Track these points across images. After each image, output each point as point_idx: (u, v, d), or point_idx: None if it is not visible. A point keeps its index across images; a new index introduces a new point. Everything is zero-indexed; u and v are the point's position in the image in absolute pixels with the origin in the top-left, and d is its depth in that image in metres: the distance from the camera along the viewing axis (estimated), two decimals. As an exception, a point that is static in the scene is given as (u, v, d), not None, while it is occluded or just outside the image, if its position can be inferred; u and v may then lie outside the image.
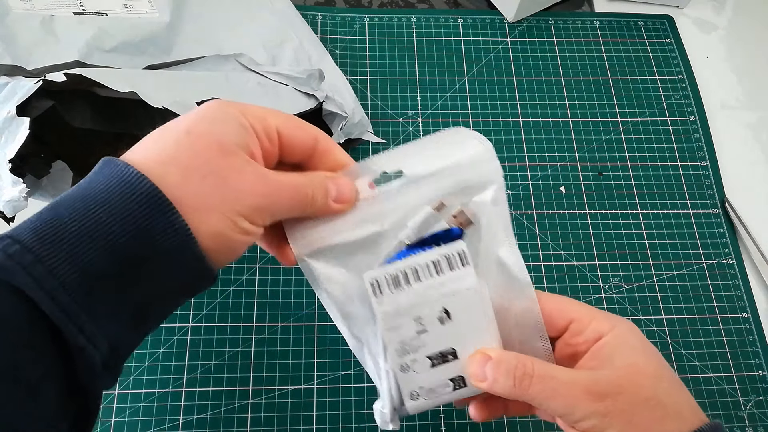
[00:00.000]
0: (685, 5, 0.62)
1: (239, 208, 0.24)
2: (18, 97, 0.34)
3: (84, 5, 0.44)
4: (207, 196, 0.23)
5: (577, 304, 0.28)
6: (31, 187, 0.36)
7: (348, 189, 0.28)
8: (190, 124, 0.24)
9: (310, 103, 0.45)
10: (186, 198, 0.23)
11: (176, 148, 0.23)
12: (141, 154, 0.23)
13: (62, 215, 0.21)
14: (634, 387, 0.25)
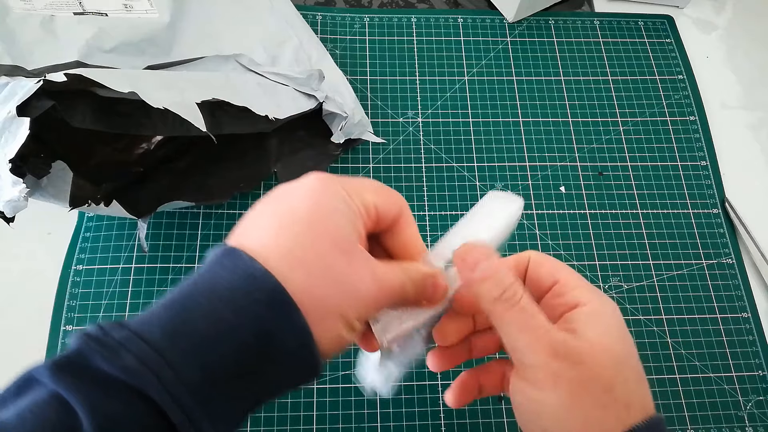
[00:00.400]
0: (685, 5, 0.62)
1: (357, 311, 0.24)
2: (18, 98, 0.34)
3: (84, 5, 0.44)
4: (329, 300, 0.23)
5: (568, 271, 0.28)
6: (31, 187, 0.36)
7: (443, 291, 0.28)
8: (310, 214, 0.24)
9: (310, 103, 0.45)
10: (310, 301, 0.23)
11: (298, 243, 0.23)
12: (259, 243, 0.23)
13: (189, 313, 0.22)
14: (593, 364, 0.25)
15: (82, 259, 0.46)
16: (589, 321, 0.26)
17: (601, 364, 0.25)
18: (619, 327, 0.26)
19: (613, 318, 0.27)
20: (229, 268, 0.23)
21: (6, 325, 0.44)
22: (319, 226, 0.24)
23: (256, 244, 0.23)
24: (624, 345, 0.26)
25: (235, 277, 0.22)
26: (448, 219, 0.49)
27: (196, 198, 0.45)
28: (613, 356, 0.25)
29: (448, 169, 0.51)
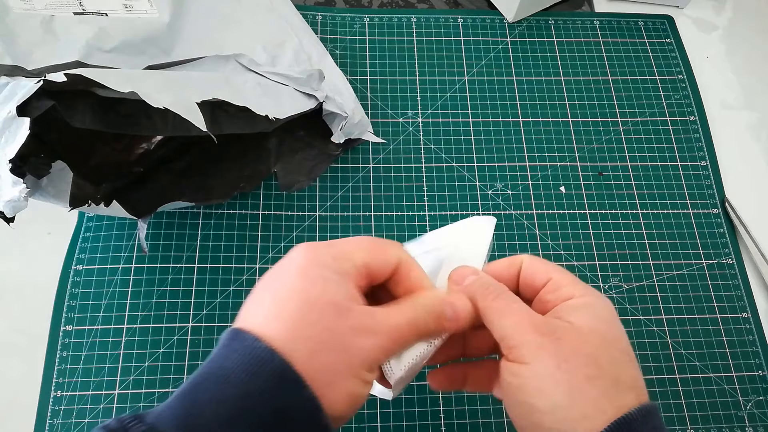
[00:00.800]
0: (685, 5, 0.62)
1: (365, 366, 0.25)
2: (18, 98, 0.34)
3: (84, 5, 0.44)
4: (335, 366, 0.24)
5: (561, 270, 0.29)
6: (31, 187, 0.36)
7: (464, 306, 0.28)
8: (302, 288, 0.25)
9: (310, 103, 0.44)
10: (316, 372, 0.23)
11: (296, 317, 0.24)
12: (262, 323, 0.24)
13: (199, 402, 0.22)
14: (578, 340, 0.25)
15: (82, 259, 0.46)
16: (576, 310, 0.27)
17: (585, 340, 0.25)
18: (609, 317, 0.27)
19: (604, 309, 0.27)
20: (237, 351, 0.23)
21: (6, 324, 0.44)
22: (312, 297, 0.25)
23: (259, 324, 0.24)
24: (612, 329, 0.26)
25: (243, 359, 0.23)
26: (448, 219, 0.49)
27: (196, 198, 0.45)
28: (598, 335, 0.26)
29: (448, 169, 0.51)
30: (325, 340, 0.24)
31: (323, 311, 0.24)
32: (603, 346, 0.25)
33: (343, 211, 0.49)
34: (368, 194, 0.50)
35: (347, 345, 0.24)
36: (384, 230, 0.48)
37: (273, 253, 0.47)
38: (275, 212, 0.48)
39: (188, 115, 0.37)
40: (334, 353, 0.24)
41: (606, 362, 0.25)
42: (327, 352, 0.24)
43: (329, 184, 0.50)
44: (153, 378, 0.42)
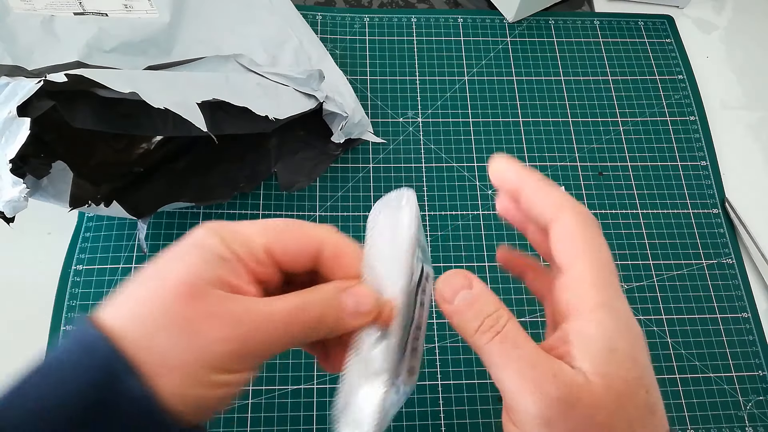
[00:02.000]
0: (685, 5, 0.62)
1: (209, 361, 0.21)
2: (19, 98, 0.34)
3: (84, 5, 0.44)
4: (168, 354, 0.21)
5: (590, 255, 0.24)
6: (31, 187, 0.36)
7: (368, 299, 0.24)
8: (160, 267, 0.22)
9: (310, 103, 0.45)
10: (148, 358, 0.20)
11: (142, 300, 0.21)
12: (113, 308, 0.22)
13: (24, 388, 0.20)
14: (591, 405, 0.20)
15: (82, 259, 0.46)
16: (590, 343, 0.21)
17: (599, 405, 0.21)
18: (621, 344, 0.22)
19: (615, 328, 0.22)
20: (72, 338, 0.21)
21: (6, 325, 0.44)
22: (168, 279, 0.21)
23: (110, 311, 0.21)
24: (631, 373, 0.21)
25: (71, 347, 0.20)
26: (448, 219, 0.49)
27: (196, 198, 0.45)
28: (614, 393, 0.21)
29: (448, 169, 0.51)
30: (164, 322, 0.21)
31: (175, 294, 0.21)
32: (618, 408, 0.21)
33: (343, 211, 0.49)
34: (368, 194, 0.50)
35: (190, 330, 0.21)
36: (384, 230, 0.48)
37: (273, 253, 0.47)
38: (275, 212, 0.48)
39: (188, 115, 0.37)
40: (171, 337, 0.21)
41: (624, 427, 0.21)
42: (163, 337, 0.21)
43: (329, 184, 0.50)
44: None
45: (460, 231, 0.49)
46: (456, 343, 0.44)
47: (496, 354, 0.22)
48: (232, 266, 0.23)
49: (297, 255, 0.24)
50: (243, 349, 0.21)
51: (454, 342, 0.44)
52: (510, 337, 0.22)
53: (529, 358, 0.21)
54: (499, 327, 0.22)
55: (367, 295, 0.24)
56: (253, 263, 0.23)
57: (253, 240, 0.23)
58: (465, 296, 0.23)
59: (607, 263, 0.24)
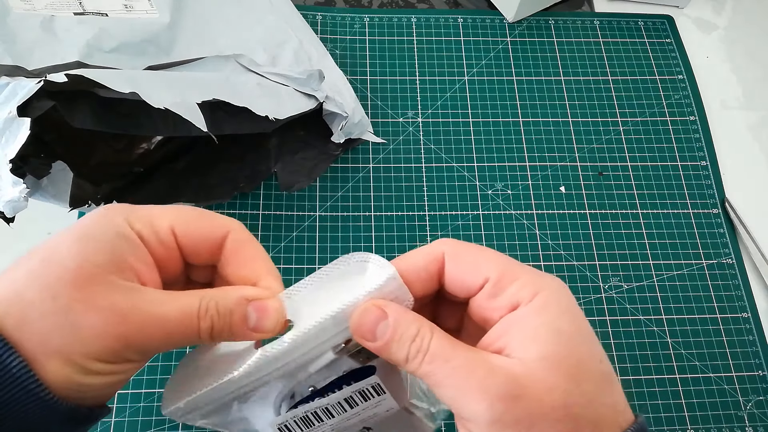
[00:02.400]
0: (685, 5, 0.62)
1: (87, 350, 0.20)
2: (19, 98, 0.34)
3: (84, 5, 0.44)
4: (49, 340, 0.20)
5: (496, 260, 0.22)
6: (31, 187, 0.36)
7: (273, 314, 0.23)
8: (50, 247, 0.21)
9: (310, 103, 0.44)
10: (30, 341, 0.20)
11: (26, 281, 0.21)
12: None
13: None
14: (539, 390, 0.19)
15: (82, 259, 0.46)
16: (529, 328, 0.21)
17: (547, 387, 0.20)
18: (570, 323, 0.21)
19: (560, 314, 0.21)
20: None
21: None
22: (58, 260, 0.21)
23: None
24: (580, 348, 0.21)
25: None
26: (448, 219, 0.49)
27: (196, 198, 0.45)
28: (563, 372, 0.20)
29: (448, 169, 0.51)
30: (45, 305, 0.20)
31: (58, 274, 0.20)
32: (571, 388, 0.20)
33: (343, 211, 0.49)
34: (368, 194, 0.50)
35: (71, 316, 0.20)
36: (384, 230, 0.48)
37: (273, 253, 0.47)
38: (275, 212, 0.48)
39: (189, 115, 0.37)
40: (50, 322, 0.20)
41: (578, 407, 0.20)
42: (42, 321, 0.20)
43: (329, 184, 0.50)
44: (153, 378, 0.42)
45: (460, 231, 0.49)
46: (456, 343, 0.44)
47: (431, 375, 0.21)
48: (133, 246, 0.22)
49: (200, 240, 0.23)
50: (121, 348, 0.21)
51: (454, 342, 0.44)
52: (437, 353, 0.21)
53: (463, 367, 0.20)
54: (424, 347, 0.21)
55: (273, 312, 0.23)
56: (155, 243, 0.22)
57: (158, 219, 0.23)
58: (383, 330, 0.22)
59: None
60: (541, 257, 0.48)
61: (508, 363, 0.20)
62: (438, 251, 0.23)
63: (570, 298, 0.22)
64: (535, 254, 0.48)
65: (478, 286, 0.22)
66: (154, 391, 0.41)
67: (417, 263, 0.23)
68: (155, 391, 0.41)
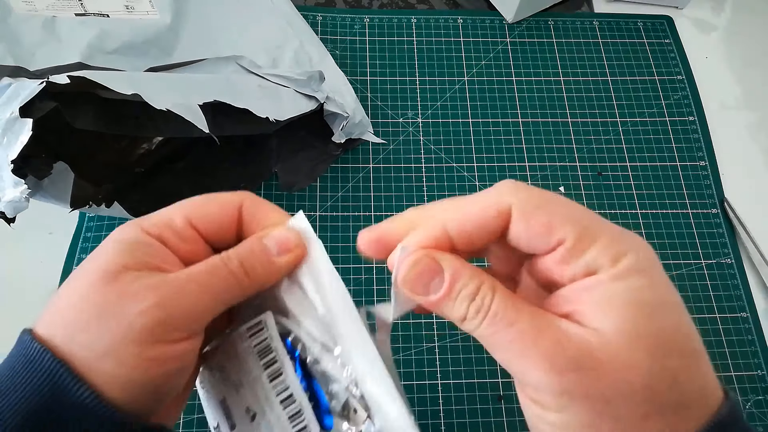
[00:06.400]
0: (684, 6, 0.62)
1: (134, 337, 0.20)
2: (21, 99, 0.34)
3: (85, 6, 0.44)
4: (93, 344, 0.20)
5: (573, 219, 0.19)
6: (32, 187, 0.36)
7: (288, 237, 0.23)
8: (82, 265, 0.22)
9: (310, 104, 0.45)
10: (78, 354, 0.20)
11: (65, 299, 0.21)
12: (44, 318, 0.21)
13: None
14: (617, 366, 0.17)
15: (83, 259, 0.46)
16: (609, 297, 0.18)
17: (627, 363, 0.17)
18: (657, 295, 0.18)
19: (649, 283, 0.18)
20: (13, 353, 0.20)
21: (7, 324, 0.44)
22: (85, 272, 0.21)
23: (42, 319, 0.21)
24: (658, 322, 0.18)
25: (17, 363, 0.20)
26: (448, 219, 0.49)
27: (196, 198, 0.45)
28: (643, 348, 0.18)
29: (448, 169, 0.51)
30: (84, 315, 0.20)
31: (90, 284, 0.20)
32: (654, 364, 0.18)
33: (343, 211, 0.49)
34: (368, 194, 0.50)
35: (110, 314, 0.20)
36: (384, 230, 0.48)
37: (273, 253, 0.47)
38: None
39: (190, 116, 0.37)
40: (96, 329, 0.20)
41: (664, 385, 0.18)
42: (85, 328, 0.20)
43: (329, 184, 0.50)
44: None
45: (460, 231, 0.49)
46: (456, 342, 0.44)
47: (489, 337, 0.19)
48: (154, 249, 0.22)
49: (219, 223, 0.23)
50: (166, 316, 0.20)
51: (453, 342, 0.44)
52: (500, 315, 0.19)
53: (528, 332, 0.18)
54: (485, 307, 0.19)
55: (286, 233, 0.23)
56: (176, 241, 0.22)
57: (172, 218, 0.23)
58: (437, 286, 0.20)
59: None
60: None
61: (582, 332, 0.18)
62: (504, 205, 0.20)
63: (655, 263, 0.19)
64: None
65: (549, 248, 0.20)
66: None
67: (474, 219, 0.20)
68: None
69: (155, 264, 0.21)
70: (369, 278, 0.46)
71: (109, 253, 0.21)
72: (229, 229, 0.24)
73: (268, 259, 0.23)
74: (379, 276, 0.46)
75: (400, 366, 0.43)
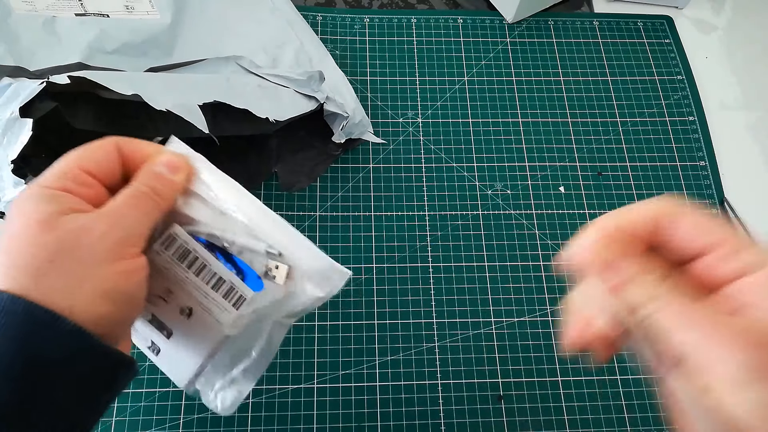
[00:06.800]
0: (684, 6, 0.62)
1: (103, 255, 0.23)
2: (21, 99, 0.34)
3: (85, 6, 0.44)
4: (69, 274, 0.23)
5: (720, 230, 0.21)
6: (33, 187, 0.36)
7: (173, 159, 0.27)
8: (9, 226, 0.24)
9: (310, 104, 0.45)
10: (51, 290, 0.22)
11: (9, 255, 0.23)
12: None
13: None
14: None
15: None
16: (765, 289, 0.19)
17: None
18: None
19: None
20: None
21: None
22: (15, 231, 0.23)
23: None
24: None
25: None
26: (448, 219, 0.49)
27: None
28: None
29: (448, 169, 0.51)
30: (44, 257, 0.23)
31: (30, 235, 0.23)
32: None
33: (343, 211, 0.49)
34: (368, 194, 0.50)
35: (70, 248, 0.23)
36: (384, 230, 0.48)
37: (273, 253, 0.47)
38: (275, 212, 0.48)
39: (190, 116, 0.37)
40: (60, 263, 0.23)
41: None
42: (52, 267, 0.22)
43: (329, 184, 0.50)
44: (153, 377, 0.42)
45: (459, 231, 0.49)
46: (456, 342, 0.44)
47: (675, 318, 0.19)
48: (69, 198, 0.24)
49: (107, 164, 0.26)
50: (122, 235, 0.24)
51: (453, 342, 0.44)
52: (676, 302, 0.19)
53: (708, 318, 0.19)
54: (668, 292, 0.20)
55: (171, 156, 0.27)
56: (79, 188, 0.25)
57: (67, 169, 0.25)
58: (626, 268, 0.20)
59: None
60: (541, 257, 0.48)
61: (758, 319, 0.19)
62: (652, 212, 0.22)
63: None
64: (534, 254, 0.48)
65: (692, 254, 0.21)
66: (155, 390, 0.41)
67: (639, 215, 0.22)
68: (155, 391, 0.41)
69: (78, 208, 0.24)
70: (369, 278, 0.46)
71: (30, 209, 0.23)
72: (116, 169, 0.27)
73: (168, 179, 0.27)
74: (379, 276, 0.46)
75: (400, 366, 0.44)
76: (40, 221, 0.23)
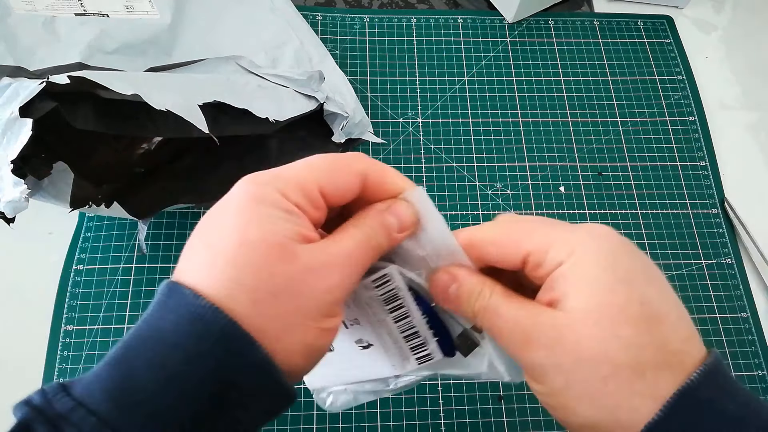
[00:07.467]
0: (684, 5, 0.62)
1: (322, 311, 0.22)
2: (21, 99, 0.34)
3: (85, 6, 0.44)
4: (285, 317, 0.21)
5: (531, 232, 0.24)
6: (32, 187, 0.36)
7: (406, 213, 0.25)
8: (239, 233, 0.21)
9: (310, 104, 0.45)
10: (264, 326, 0.21)
11: (236, 268, 0.21)
12: (198, 277, 0.21)
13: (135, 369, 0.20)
14: (577, 338, 0.21)
15: (82, 259, 0.46)
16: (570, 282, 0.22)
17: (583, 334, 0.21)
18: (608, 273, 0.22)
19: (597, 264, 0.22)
20: (174, 310, 0.21)
21: (6, 324, 0.44)
22: (252, 240, 0.21)
23: (196, 276, 0.21)
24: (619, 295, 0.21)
25: (182, 320, 0.20)
26: (448, 219, 0.49)
27: (196, 199, 0.45)
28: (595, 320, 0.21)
29: (448, 169, 0.51)
30: (271, 289, 0.21)
31: (266, 256, 0.21)
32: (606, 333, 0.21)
33: (344, 211, 0.49)
34: (368, 194, 0.50)
35: (297, 290, 0.21)
36: (384, 230, 0.48)
37: (273, 254, 0.47)
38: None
39: (190, 116, 0.37)
40: (282, 302, 0.21)
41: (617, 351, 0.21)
42: (273, 302, 0.21)
43: (329, 184, 0.50)
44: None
45: (460, 231, 0.49)
46: (456, 342, 0.44)
47: (491, 329, 0.24)
48: (302, 219, 0.22)
49: (345, 193, 0.24)
50: (342, 293, 0.22)
51: (454, 342, 0.44)
52: (493, 309, 0.23)
53: (512, 320, 0.23)
54: (483, 302, 0.24)
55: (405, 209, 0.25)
56: (310, 209, 0.23)
57: (308, 186, 0.23)
58: (453, 290, 0.25)
59: None
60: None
61: (553, 314, 0.22)
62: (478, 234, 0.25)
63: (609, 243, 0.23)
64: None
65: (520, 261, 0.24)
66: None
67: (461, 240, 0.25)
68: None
69: (305, 234, 0.22)
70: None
71: (272, 225, 0.21)
72: (349, 198, 0.25)
73: (392, 235, 0.25)
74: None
75: (400, 366, 0.43)
76: (282, 245, 0.21)
